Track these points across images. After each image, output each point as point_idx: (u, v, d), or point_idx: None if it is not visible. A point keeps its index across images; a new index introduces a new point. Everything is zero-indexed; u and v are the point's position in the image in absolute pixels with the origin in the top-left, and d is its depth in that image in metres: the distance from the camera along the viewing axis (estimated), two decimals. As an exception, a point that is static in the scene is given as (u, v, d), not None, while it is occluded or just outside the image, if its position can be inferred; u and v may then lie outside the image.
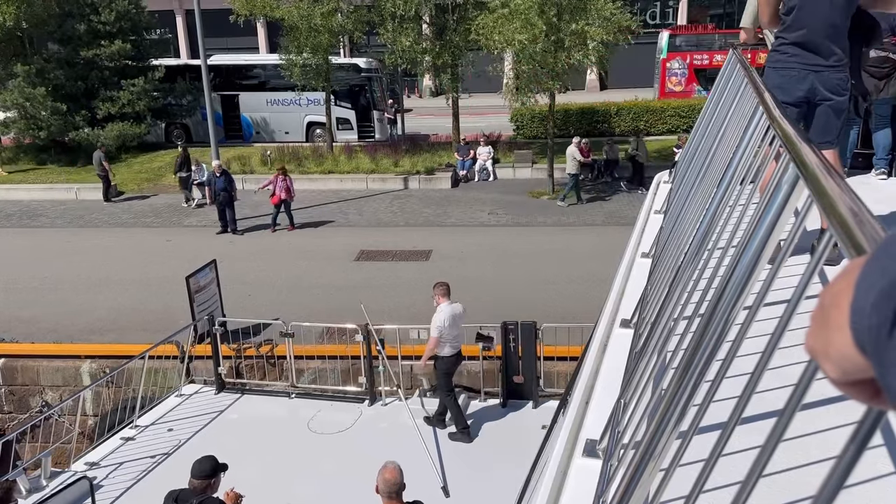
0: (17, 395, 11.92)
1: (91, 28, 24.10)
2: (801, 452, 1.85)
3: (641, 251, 4.32)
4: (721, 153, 2.87)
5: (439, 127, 28.74)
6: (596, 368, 3.06)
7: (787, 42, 3.74)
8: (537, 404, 9.61)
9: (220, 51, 30.12)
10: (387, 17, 21.48)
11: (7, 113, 24.53)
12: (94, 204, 21.46)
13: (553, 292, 13.41)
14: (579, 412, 2.70)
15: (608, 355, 3.15)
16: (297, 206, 20.49)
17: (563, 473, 2.37)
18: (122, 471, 8.62)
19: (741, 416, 1.25)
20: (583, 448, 2.46)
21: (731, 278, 1.46)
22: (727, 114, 3.22)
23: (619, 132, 26.58)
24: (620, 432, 2.17)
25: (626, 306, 3.57)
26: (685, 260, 2.37)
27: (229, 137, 26.90)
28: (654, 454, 1.58)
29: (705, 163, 3.26)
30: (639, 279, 3.76)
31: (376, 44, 26.61)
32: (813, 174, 1.22)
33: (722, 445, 1.28)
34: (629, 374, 2.59)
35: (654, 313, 2.61)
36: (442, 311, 8.53)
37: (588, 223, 18.10)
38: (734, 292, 1.44)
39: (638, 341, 2.86)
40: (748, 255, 1.42)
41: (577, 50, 17.89)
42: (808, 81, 3.69)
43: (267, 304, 13.05)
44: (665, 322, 2.19)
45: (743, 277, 1.42)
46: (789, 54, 3.72)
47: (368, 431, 9.29)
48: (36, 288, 14.78)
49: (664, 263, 3.04)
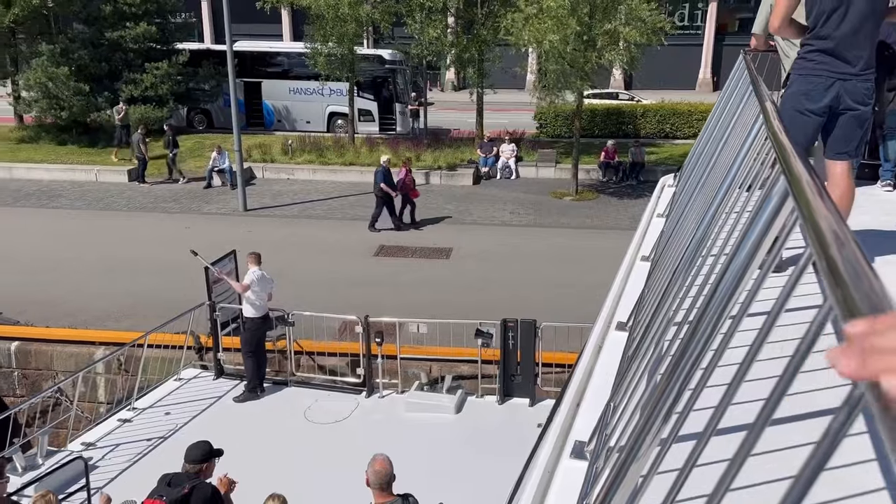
0: (30, 378, 11.82)
1: (117, 9, 23.97)
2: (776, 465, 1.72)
3: (642, 254, 4.38)
4: (723, 159, 2.87)
5: (461, 122, 28.45)
6: (589, 370, 3.10)
7: (815, 49, 3.61)
8: (534, 402, 9.63)
9: (243, 37, 29.94)
10: (415, 8, 21.23)
11: (30, 92, 24.48)
12: (114, 186, 21.39)
13: (572, 296, 13.12)
14: (570, 413, 2.74)
15: (602, 358, 3.19)
16: (318, 197, 20.36)
17: (550, 473, 2.40)
18: (117, 452, 8.66)
19: (716, 426, 1.27)
20: (571, 449, 2.49)
21: (719, 287, 1.48)
22: (731, 120, 3.22)
23: (644, 134, 26.21)
24: (608, 435, 2.18)
25: (624, 309, 3.62)
26: (680, 265, 2.38)
27: (251, 124, 26.75)
28: (637, 458, 1.59)
29: (707, 168, 3.26)
30: (637, 282, 3.80)
31: (401, 35, 26.35)
32: (801, 190, 1.21)
33: (696, 455, 1.30)
34: (620, 376, 2.61)
35: (648, 318, 2.63)
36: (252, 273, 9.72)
37: (611, 226, 17.78)
38: (721, 301, 1.45)
39: (631, 344, 2.89)
40: (736, 264, 1.43)
41: (609, 50, 17.55)
42: (834, 89, 3.58)
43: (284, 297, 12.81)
44: (657, 327, 2.20)
45: (730, 287, 1.43)
46: (816, 62, 3.60)
47: (364, 422, 9.39)
48: (53, 270, 14.67)
49: (662, 268, 3.08)
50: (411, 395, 9.86)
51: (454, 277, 14.59)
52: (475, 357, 10.12)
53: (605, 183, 21.78)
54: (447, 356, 10.97)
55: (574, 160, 20.53)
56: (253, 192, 20.02)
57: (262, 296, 9.82)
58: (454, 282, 14.29)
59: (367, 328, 10.01)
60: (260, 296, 9.77)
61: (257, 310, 9.78)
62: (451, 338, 10.64)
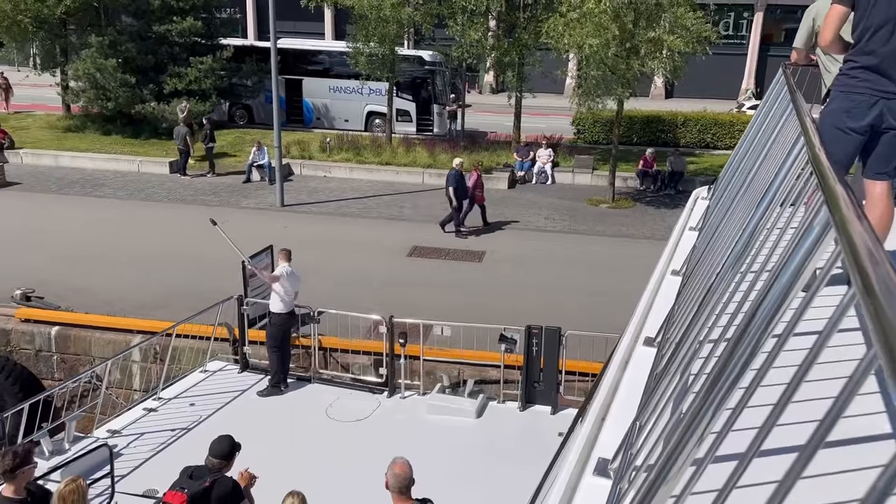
0: (69, 363, 12.09)
1: (164, 3, 24.39)
2: (821, 492, 1.67)
3: (672, 268, 4.29)
4: (762, 175, 2.80)
5: (498, 125, 28.40)
6: (615, 385, 3.05)
7: (858, 66, 3.49)
8: (556, 410, 9.56)
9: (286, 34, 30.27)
10: (457, 11, 21.24)
11: (78, 82, 25.04)
12: (156, 178, 21.77)
13: (605, 304, 12.99)
14: (594, 429, 2.70)
15: (628, 373, 3.13)
16: (354, 195, 20.50)
17: (572, 490, 2.38)
18: (142, 441, 8.78)
19: (760, 447, 1.24)
20: (594, 466, 2.46)
21: (762, 305, 1.46)
22: (771, 135, 3.14)
23: (684, 143, 25.90)
24: (634, 454, 2.16)
25: (652, 324, 3.54)
26: (716, 281, 2.33)
27: (290, 121, 27.03)
28: (667, 479, 1.56)
29: (745, 183, 3.18)
30: (667, 297, 3.72)
31: (442, 36, 26.39)
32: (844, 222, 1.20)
33: (738, 476, 1.27)
34: (648, 394, 2.56)
35: (679, 334, 2.58)
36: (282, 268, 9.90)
37: (647, 236, 17.60)
38: (764, 320, 1.42)
39: (660, 362, 2.83)
40: (778, 287, 1.42)
41: (652, 58, 17.37)
42: (877, 108, 3.47)
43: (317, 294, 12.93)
44: (690, 344, 2.15)
45: (773, 307, 1.41)
46: (859, 79, 3.48)
47: (385, 423, 9.40)
48: (93, 258, 14.98)
49: (694, 283, 3.02)
50: (433, 397, 9.86)
51: (486, 281, 14.57)
52: (498, 362, 10.09)
53: (643, 191, 21.57)
54: (470, 360, 10.97)
55: (612, 167, 20.37)
56: (290, 189, 20.23)
57: (290, 291, 9.95)
58: (486, 285, 14.28)
59: (392, 328, 10.04)
60: (288, 291, 9.89)
61: (284, 305, 9.91)
62: (474, 342, 10.63)
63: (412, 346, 10.16)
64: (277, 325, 9.93)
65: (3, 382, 11.41)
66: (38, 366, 12.17)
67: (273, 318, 9.97)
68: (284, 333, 10.09)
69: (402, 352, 9.98)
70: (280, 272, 9.85)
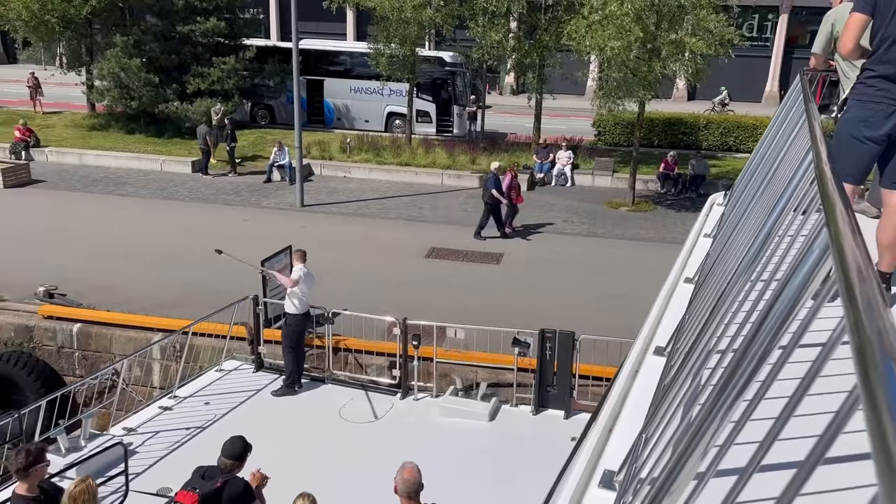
0: (90, 360, 12.25)
1: (188, 4, 24.62)
2: None
3: (685, 276, 4.23)
4: (776, 182, 2.78)
5: (518, 126, 28.36)
6: (623, 396, 3.02)
7: (876, 75, 3.47)
8: (569, 415, 9.52)
9: (309, 35, 30.41)
10: (478, 12, 21.23)
11: (103, 81, 25.36)
12: (178, 177, 21.98)
13: (622, 308, 12.89)
14: (601, 440, 2.68)
15: (637, 383, 3.11)
16: (373, 196, 20.55)
17: (577, 502, 2.37)
18: (157, 439, 8.86)
19: (760, 462, 1.23)
20: (600, 478, 2.44)
21: (767, 318, 1.45)
22: (785, 142, 3.13)
23: (706, 146, 25.68)
24: (638, 467, 2.14)
25: (663, 333, 3.51)
26: (725, 291, 2.31)
27: (311, 122, 27.18)
28: (670, 492, 1.55)
29: (759, 190, 3.15)
30: (679, 305, 3.68)
31: (463, 38, 26.38)
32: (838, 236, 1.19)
33: (738, 492, 1.27)
34: (655, 405, 2.54)
35: (688, 344, 2.54)
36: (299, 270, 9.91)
37: (668, 240, 17.45)
38: (770, 331, 1.42)
39: (668, 372, 2.79)
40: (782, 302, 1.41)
41: (674, 60, 17.24)
42: (895, 118, 3.45)
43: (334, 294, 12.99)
44: (698, 355, 2.12)
45: (780, 317, 1.40)
46: (877, 87, 3.47)
47: (397, 424, 9.43)
48: (115, 256, 15.16)
49: (706, 292, 2.98)
50: (446, 399, 9.87)
51: (503, 283, 14.55)
52: (511, 365, 10.07)
53: (664, 195, 21.42)
54: (483, 362, 10.97)
55: (632, 170, 20.24)
56: (310, 189, 20.34)
57: (306, 293, 10.02)
58: (503, 287, 14.26)
59: (405, 330, 10.06)
60: (304, 293, 9.96)
61: (299, 306, 9.98)
62: (487, 344, 10.62)
63: (426, 348, 10.17)
64: (292, 325, 9.99)
65: (26, 378, 11.60)
66: (59, 362, 12.35)
67: (288, 319, 10.03)
68: (299, 334, 10.16)
69: (416, 354, 9.99)
70: (297, 275, 9.91)
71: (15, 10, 23.91)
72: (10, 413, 8.81)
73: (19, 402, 10.67)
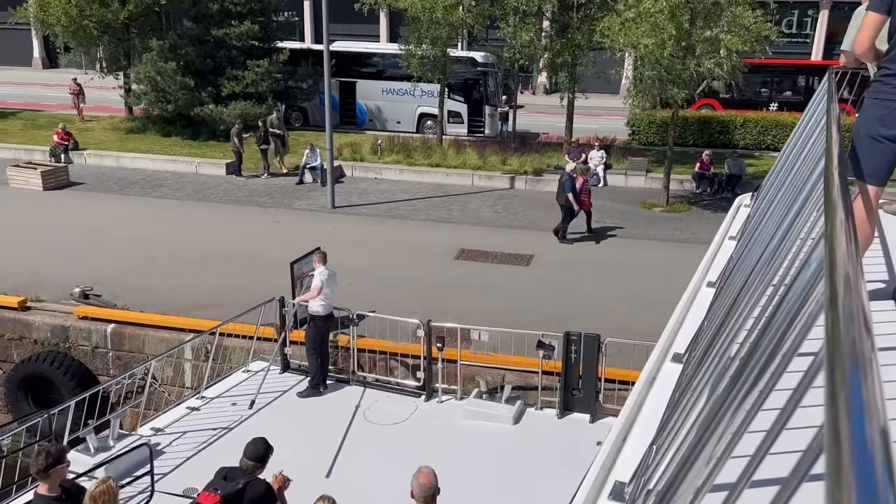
0: (123, 360, 12.44)
1: (223, 8, 24.96)
2: None
3: (708, 280, 4.14)
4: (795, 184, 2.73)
5: (550, 126, 28.16)
6: (640, 403, 2.96)
7: (891, 73, 3.36)
8: (595, 419, 9.38)
9: (342, 37, 30.62)
10: (509, 12, 21.11)
11: (140, 85, 25.81)
12: (212, 179, 22.26)
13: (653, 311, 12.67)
14: (613, 450, 2.63)
15: (654, 391, 3.04)
16: (403, 197, 20.56)
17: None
18: (183, 440, 8.94)
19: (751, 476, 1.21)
20: (610, 489, 2.40)
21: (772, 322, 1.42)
22: (807, 144, 3.08)
23: (743, 145, 25.20)
24: (647, 479, 2.10)
25: (682, 339, 3.44)
26: (740, 295, 2.26)
27: (344, 123, 27.34)
28: None
29: (782, 190, 3.08)
30: (700, 310, 3.61)
31: (494, 37, 26.29)
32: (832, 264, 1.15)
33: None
34: (667, 415, 2.48)
35: (702, 352, 2.49)
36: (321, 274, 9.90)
37: (702, 241, 17.10)
38: (772, 338, 1.39)
39: (682, 380, 2.72)
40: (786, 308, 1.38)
41: (709, 58, 16.93)
42: None
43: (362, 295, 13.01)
44: (709, 363, 2.06)
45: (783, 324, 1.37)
46: (893, 86, 3.35)
47: (421, 426, 9.38)
48: (149, 258, 15.38)
49: (724, 296, 2.93)
50: (470, 402, 9.81)
51: (533, 284, 14.42)
52: (536, 368, 9.96)
53: (699, 195, 21.06)
54: (507, 365, 10.88)
55: (666, 169, 19.92)
56: (341, 190, 20.43)
57: (329, 294, 10.04)
58: (533, 289, 14.13)
59: (430, 332, 10.02)
60: (327, 295, 9.99)
61: (323, 308, 10.00)
62: (512, 347, 10.53)
63: (450, 350, 10.11)
64: (317, 327, 10.02)
65: (62, 378, 11.82)
66: (94, 362, 12.57)
67: (312, 321, 10.05)
68: (324, 336, 10.19)
69: (440, 356, 9.94)
70: (319, 281, 9.92)
71: (55, 15, 24.47)
72: (40, 412, 8.96)
73: (55, 401, 10.86)
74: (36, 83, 37.76)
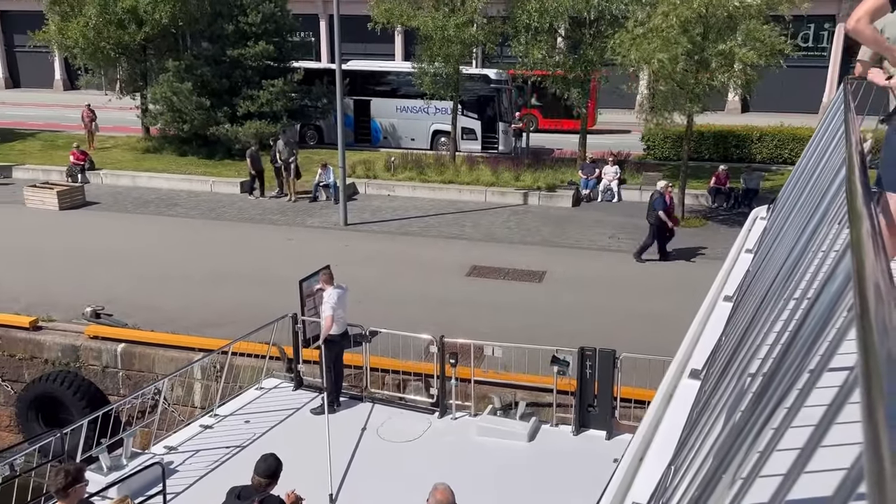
0: (133, 379, 12.43)
1: (238, 28, 25.21)
2: None
3: (725, 294, 4.05)
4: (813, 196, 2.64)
5: (564, 142, 28.07)
6: (656, 422, 2.89)
7: None
8: (611, 435, 9.21)
9: (358, 56, 30.81)
10: (521, 30, 21.13)
11: (156, 105, 26.09)
12: (227, 197, 22.36)
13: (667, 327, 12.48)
14: (630, 470, 2.56)
15: (671, 409, 2.97)
16: (416, 214, 20.52)
17: None
18: (196, 458, 8.90)
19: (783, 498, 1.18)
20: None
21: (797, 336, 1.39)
22: (824, 155, 2.99)
23: (759, 159, 24.94)
24: (665, 502, 2.02)
25: (699, 355, 3.36)
26: (760, 310, 2.19)
27: (359, 141, 27.46)
28: None
29: (797, 203, 3.01)
30: (717, 325, 3.53)
31: (507, 55, 26.32)
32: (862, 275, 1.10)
33: None
34: (685, 434, 2.40)
35: (721, 367, 2.41)
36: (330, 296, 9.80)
37: (718, 256, 16.85)
38: (799, 353, 1.33)
39: (701, 398, 2.63)
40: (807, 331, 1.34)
41: (723, 72, 16.78)
42: None
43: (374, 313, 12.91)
44: (729, 380, 1.99)
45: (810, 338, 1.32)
46: None
47: (435, 444, 9.29)
48: (162, 276, 15.41)
49: (742, 311, 2.85)
50: (484, 419, 9.68)
51: (545, 301, 14.27)
52: (550, 385, 9.81)
53: (715, 209, 20.84)
54: (521, 382, 10.73)
55: (681, 184, 19.74)
56: (354, 208, 20.44)
57: (342, 314, 10.01)
58: (545, 306, 13.98)
59: (443, 348, 9.91)
60: (340, 315, 9.95)
61: (337, 326, 9.95)
62: (526, 364, 10.37)
63: (463, 368, 9.98)
64: (331, 345, 9.94)
65: (72, 398, 11.82)
66: (104, 381, 12.56)
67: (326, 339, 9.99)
68: (338, 353, 10.10)
69: (453, 373, 9.82)
70: (329, 302, 9.85)
71: (72, 37, 24.83)
72: (52, 432, 8.95)
73: (66, 420, 10.87)
74: (57, 104, 38.31)
